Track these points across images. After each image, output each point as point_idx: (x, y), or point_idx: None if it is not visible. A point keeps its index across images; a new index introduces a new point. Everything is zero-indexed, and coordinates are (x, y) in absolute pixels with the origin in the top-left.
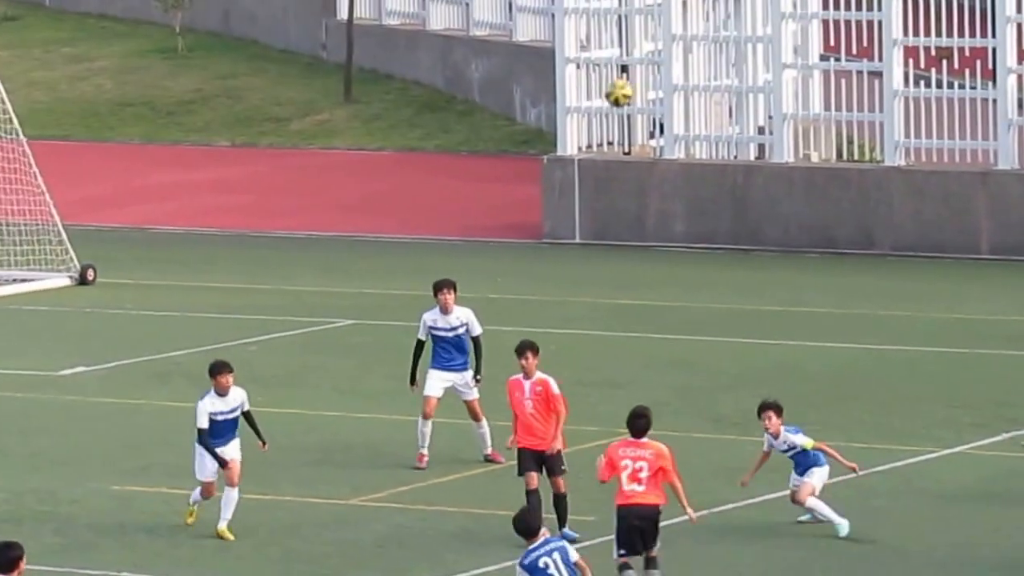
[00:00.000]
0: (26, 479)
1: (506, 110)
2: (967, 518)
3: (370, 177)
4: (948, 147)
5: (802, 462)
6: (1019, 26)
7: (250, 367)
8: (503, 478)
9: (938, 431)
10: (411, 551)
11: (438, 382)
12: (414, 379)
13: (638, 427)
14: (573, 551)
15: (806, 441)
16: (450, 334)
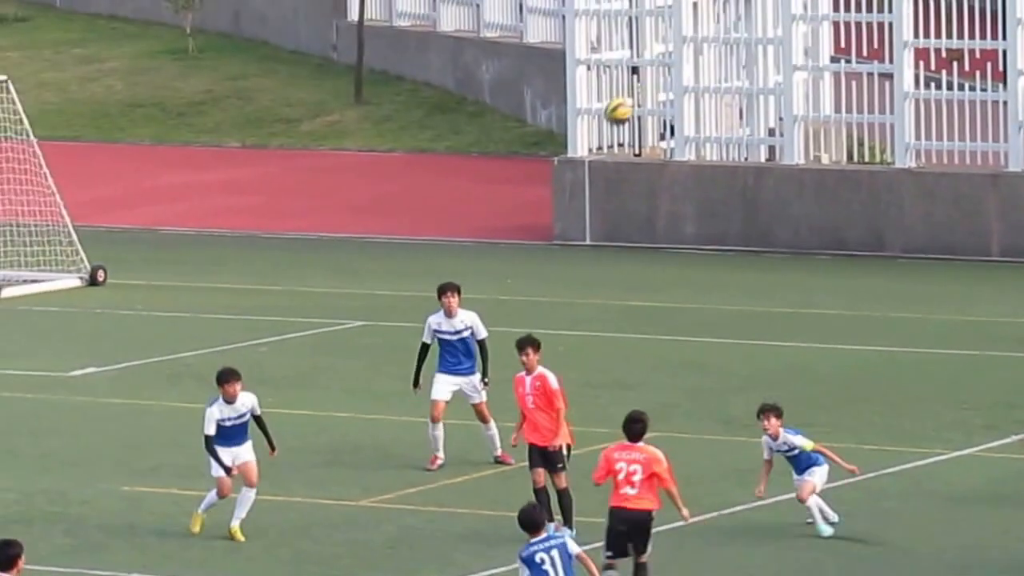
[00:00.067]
0: (36, 480)
1: (517, 111)
2: (977, 520)
3: (380, 178)
4: (959, 149)
5: (802, 462)
6: None
7: (260, 368)
8: (513, 479)
9: (948, 433)
10: (421, 552)
11: (445, 386)
12: (417, 382)
13: (634, 431)
14: (574, 544)
15: (805, 443)
16: (455, 337)
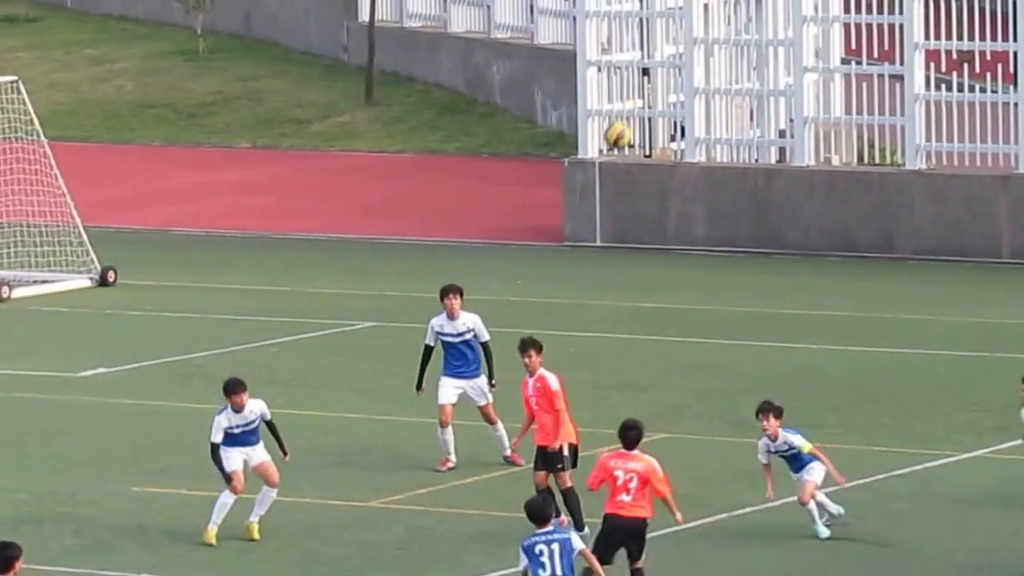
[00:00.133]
0: (46, 480)
1: (527, 112)
2: (987, 522)
3: (391, 179)
4: (969, 151)
5: (800, 460)
6: None
7: (271, 369)
8: (523, 480)
9: (958, 435)
10: (431, 553)
11: (450, 389)
12: (420, 385)
13: (630, 438)
14: (578, 540)
15: (804, 444)
16: (457, 339)
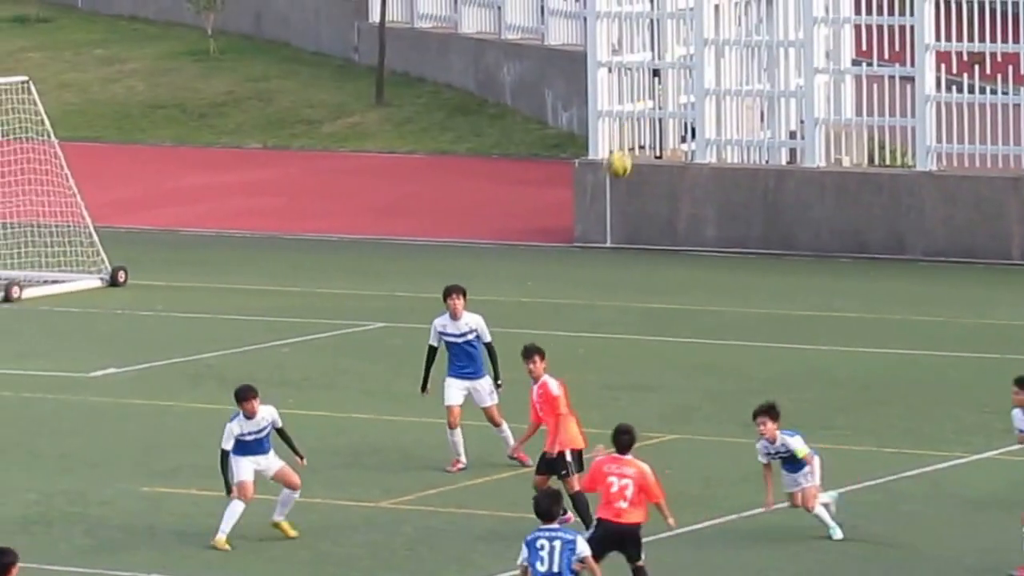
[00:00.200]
0: (57, 480)
1: (538, 113)
2: (997, 523)
3: (402, 180)
4: (980, 152)
5: (795, 462)
6: None
7: (282, 369)
8: (532, 481)
9: (968, 436)
10: (441, 553)
11: (456, 391)
12: (425, 386)
13: (622, 443)
14: (584, 547)
15: (799, 448)
16: (460, 340)
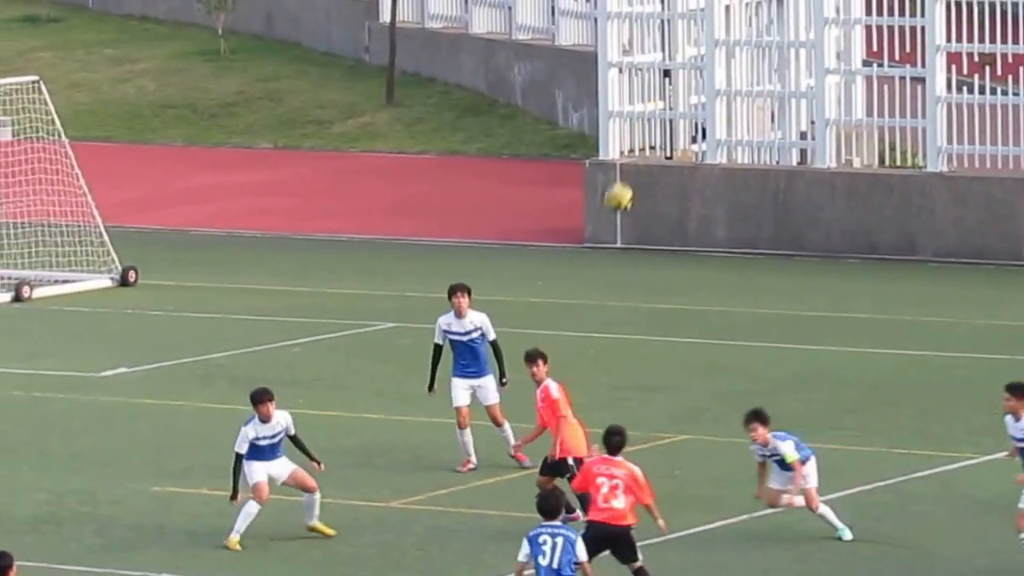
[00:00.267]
0: (67, 480)
1: (548, 114)
2: (1007, 524)
3: (412, 180)
4: (991, 153)
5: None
6: None
7: (292, 369)
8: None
9: (978, 437)
10: (451, 554)
11: (462, 391)
12: (432, 386)
13: (613, 444)
14: (582, 550)
15: (788, 454)
16: (464, 338)
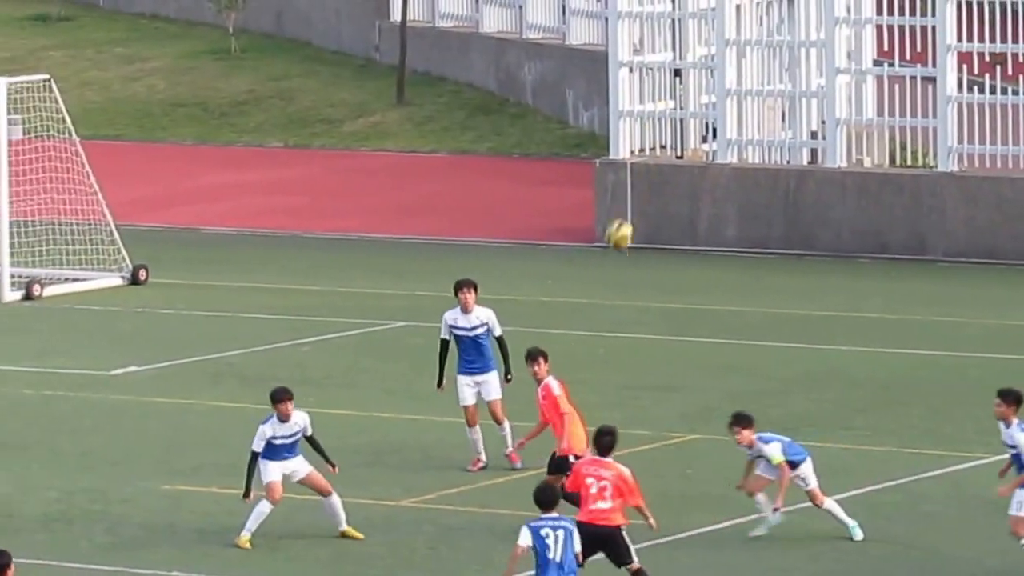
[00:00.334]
0: (77, 478)
1: (559, 113)
2: None
3: (422, 179)
4: (1001, 153)
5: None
6: None
7: (303, 368)
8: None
9: (989, 437)
10: (461, 552)
11: (468, 389)
12: (441, 381)
13: (603, 444)
14: (578, 540)
15: (773, 455)
16: (470, 334)
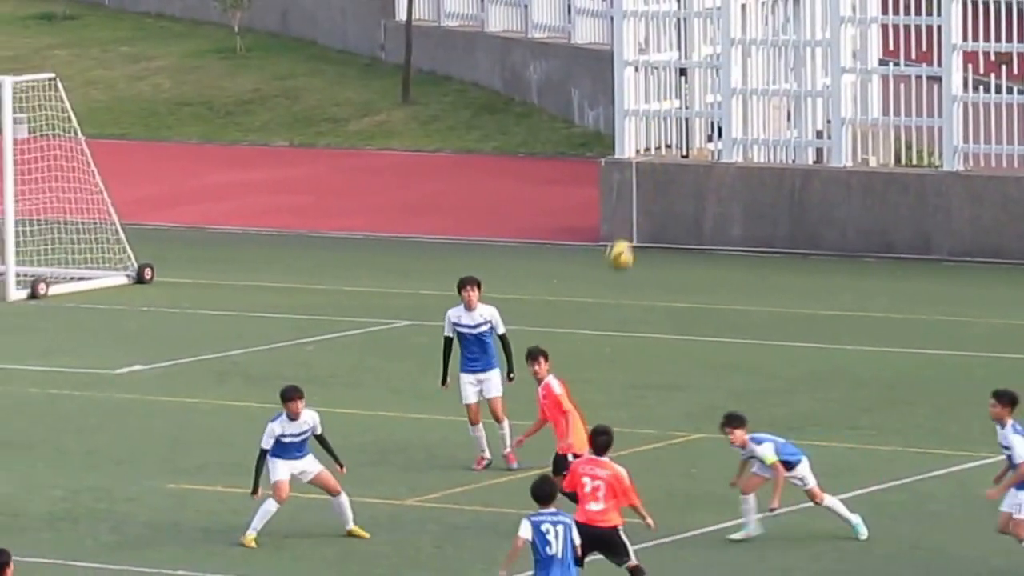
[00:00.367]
0: (83, 477)
1: (564, 112)
2: None
3: (427, 178)
4: (1007, 152)
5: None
6: None
7: (308, 367)
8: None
9: (995, 436)
10: (466, 551)
11: (470, 388)
12: (445, 379)
13: (599, 444)
14: (576, 533)
15: (766, 456)
16: (473, 331)
